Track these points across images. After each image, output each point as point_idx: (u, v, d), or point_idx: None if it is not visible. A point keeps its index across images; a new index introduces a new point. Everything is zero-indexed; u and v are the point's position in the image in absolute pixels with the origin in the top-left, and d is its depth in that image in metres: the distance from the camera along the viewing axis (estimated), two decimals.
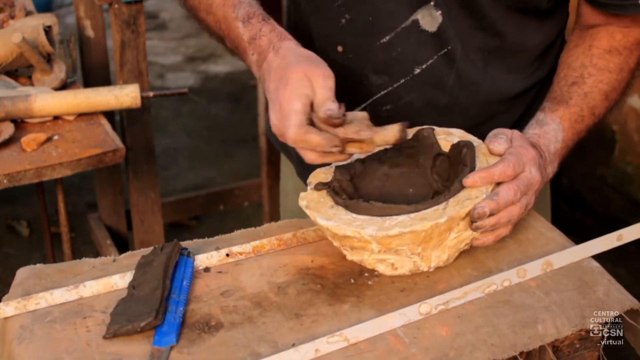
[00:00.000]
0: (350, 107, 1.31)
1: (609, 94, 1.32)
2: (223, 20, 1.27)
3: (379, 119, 1.33)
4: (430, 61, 1.32)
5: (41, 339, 1.06)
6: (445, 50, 1.31)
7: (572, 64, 1.33)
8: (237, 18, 1.24)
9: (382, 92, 1.35)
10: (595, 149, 3.28)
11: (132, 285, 1.12)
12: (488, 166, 1.14)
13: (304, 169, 1.54)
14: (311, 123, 1.11)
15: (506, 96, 1.39)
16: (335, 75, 1.30)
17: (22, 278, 1.17)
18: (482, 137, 1.22)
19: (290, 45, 1.18)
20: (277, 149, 1.66)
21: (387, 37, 1.32)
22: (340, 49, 1.36)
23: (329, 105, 1.10)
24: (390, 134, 1.10)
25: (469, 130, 1.25)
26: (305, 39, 1.37)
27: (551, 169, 1.24)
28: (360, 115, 1.13)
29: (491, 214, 1.11)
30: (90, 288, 1.14)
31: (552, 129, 1.25)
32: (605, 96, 1.31)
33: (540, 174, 1.16)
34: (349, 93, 1.34)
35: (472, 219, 1.11)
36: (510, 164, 1.13)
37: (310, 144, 1.10)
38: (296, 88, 1.11)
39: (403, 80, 1.34)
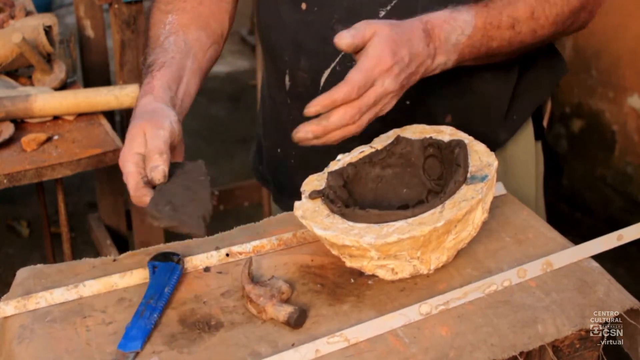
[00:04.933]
0: (321, 69, 1.33)
1: (537, 13, 1.23)
2: (143, 62, 1.31)
3: None
4: (395, 1, 1.29)
5: (41, 339, 1.06)
6: None
7: None
8: (144, 64, 1.29)
9: None
10: (595, 149, 3.28)
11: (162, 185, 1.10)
12: (330, 90, 1.10)
13: (281, 195, 1.54)
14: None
15: None
16: (301, 36, 1.34)
17: (22, 278, 1.17)
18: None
19: (144, 102, 1.22)
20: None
21: None
22: (304, 6, 1.34)
23: (155, 161, 1.12)
24: (281, 315, 1.07)
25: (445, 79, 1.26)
26: (270, 5, 1.40)
27: (442, 59, 1.18)
28: (281, 284, 1.11)
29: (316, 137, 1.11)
30: (90, 287, 1.14)
31: (462, 20, 1.19)
32: (531, 14, 1.23)
33: (399, 81, 1.12)
34: (318, 55, 1.34)
35: (293, 139, 1.11)
36: (355, 87, 1.10)
37: (144, 204, 1.11)
38: (130, 148, 1.14)
39: None
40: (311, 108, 1.10)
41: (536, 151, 1.52)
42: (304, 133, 1.10)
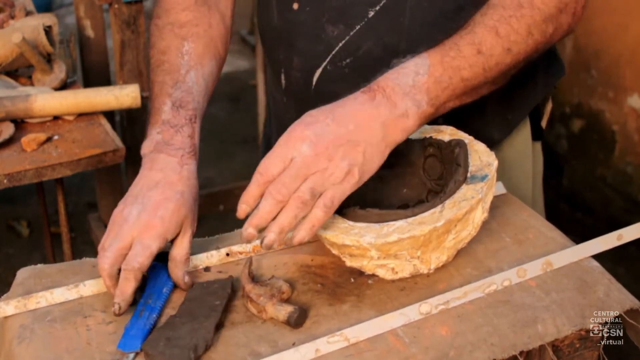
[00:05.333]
0: (313, 69, 1.34)
1: (503, 31, 1.16)
2: (158, 85, 1.28)
3: (343, 78, 1.33)
4: (383, 1, 1.28)
5: (41, 338, 1.06)
6: None
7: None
8: (171, 95, 1.25)
9: (341, 44, 1.32)
10: (595, 149, 3.28)
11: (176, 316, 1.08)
12: (256, 212, 1.05)
13: None
14: None
15: None
16: (294, 35, 1.33)
17: (22, 278, 1.17)
18: None
19: (191, 170, 1.20)
20: None
21: None
22: (296, 6, 1.34)
23: (186, 265, 1.14)
24: (281, 314, 1.07)
25: None
26: (266, 5, 1.40)
27: (408, 103, 1.09)
28: (281, 283, 1.11)
29: (263, 227, 1.05)
30: (91, 287, 1.14)
31: (413, 63, 1.13)
32: (496, 33, 1.15)
33: (315, 149, 1.05)
34: (307, 55, 1.35)
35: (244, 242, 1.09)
36: (259, 170, 1.06)
37: (120, 286, 1.10)
38: (161, 227, 1.12)
39: (358, 27, 1.30)
40: (239, 212, 1.07)
41: (534, 152, 1.52)
42: (245, 233, 1.06)
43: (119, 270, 1.10)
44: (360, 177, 1.06)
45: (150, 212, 1.13)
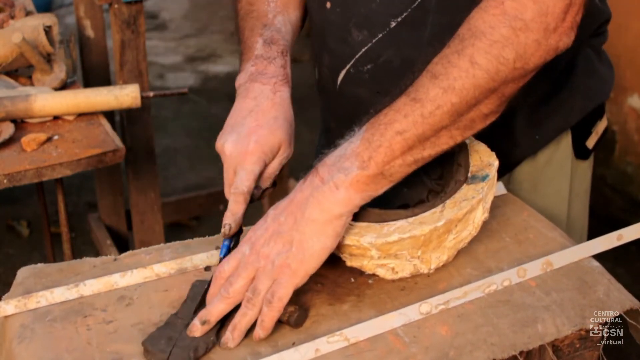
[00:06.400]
0: (339, 68, 1.37)
1: (437, 69, 1.08)
2: (249, 29, 1.33)
3: (363, 82, 1.34)
4: (405, 13, 1.28)
5: (42, 338, 1.06)
6: (419, 1, 1.26)
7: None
8: (262, 35, 1.31)
9: (363, 50, 1.33)
10: (595, 149, 3.28)
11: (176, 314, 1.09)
12: (206, 307, 1.08)
13: None
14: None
15: None
16: (326, 33, 1.37)
17: (22, 277, 1.17)
18: None
19: (285, 97, 1.25)
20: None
21: None
22: (328, 5, 1.36)
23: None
24: (282, 314, 1.06)
25: None
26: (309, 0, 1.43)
27: (335, 174, 1.06)
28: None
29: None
30: (91, 287, 1.14)
31: (348, 139, 1.11)
32: (431, 74, 1.08)
33: (254, 247, 1.08)
34: (335, 54, 1.37)
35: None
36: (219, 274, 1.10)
37: (230, 208, 1.17)
38: (259, 148, 1.19)
39: (380, 35, 1.30)
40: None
41: (577, 171, 1.47)
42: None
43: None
44: (299, 267, 1.05)
45: (244, 139, 1.19)
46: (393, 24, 1.29)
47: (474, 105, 1.08)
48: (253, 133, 1.20)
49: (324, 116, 1.51)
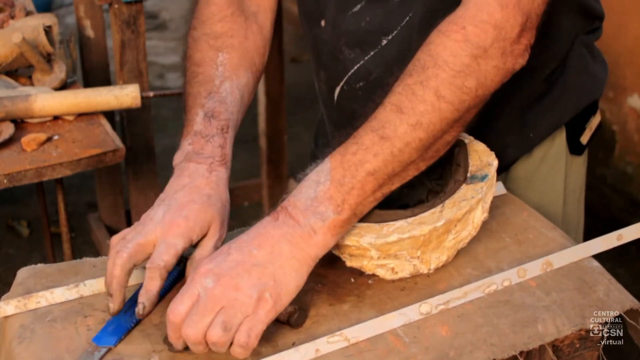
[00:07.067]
0: (334, 85, 1.36)
1: (404, 103, 1.07)
2: (192, 97, 1.26)
3: (358, 98, 1.34)
4: (395, 31, 1.28)
5: (42, 338, 1.06)
6: (408, 18, 1.26)
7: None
8: (203, 106, 1.24)
9: (355, 67, 1.32)
10: (595, 149, 3.28)
11: None
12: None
13: None
14: None
15: None
16: (319, 51, 1.34)
17: (22, 277, 1.17)
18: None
19: (221, 176, 1.17)
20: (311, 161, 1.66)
21: (358, 6, 1.30)
22: (323, 23, 1.35)
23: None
24: (282, 314, 1.06)
25: None
26: (299, 14, 1.41)
27: (311, 219, 1.04)
28: None
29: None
30: (91, 287, 1.14)
31: (315, 173, 1.07)
32: (398, 110, 1.06)
33: (219, 281, 1.00)
34: (329, 71, 1.37)
35: None
36: (177, 302, 1.01)
37: (145, 284, 1.08)
38: (187, 226, 1.10)
39: (372, 53, 1.30)
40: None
41: (572, 167, 1.47)
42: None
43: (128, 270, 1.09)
44: (276, 301, 1.00)
45: (174, 212, 1.11)
46: (384, 42, 1.29)
47: (440, 137, 1.08)
48: (185, 208, 1.12)
49: (326, 126, 1.51)
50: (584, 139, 1.46)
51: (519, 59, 1.11)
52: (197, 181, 1.16)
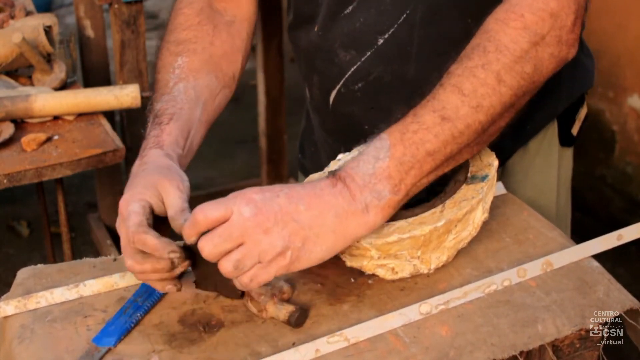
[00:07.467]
0: (329, 89, 1.36)
1: (465, 86, 1.07)
2: (151, 103, 1.27)
3: (356, 100, 1.34)
4: (392, 30, 1.28)
5: (41, 338, 1.06)
6: (405, 15, 1.26)
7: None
8: (152, 111, 1.25)
9: (352, 69, 1.32)
10: (595, 149, 3.28)
11: None
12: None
13: None
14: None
15: None
16: (312, 56, 1.32)
17: (22, 278, 1.17)
18: None
19: (154, 154, 1.16)
20: (299, 169, 1.66)
21: (350, 8, 1.30)
22: (316, 28, 1.35)
23: (186, 215, 1.05)
24: (282, 313, 1.07)
25: None
26: (289, 20, 1.41)
27: (368, 197, 1.03)
28: (282, 283, 1.10)
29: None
30: (91, 287, 1.14)
31: (372, 148, 1.05)
32: (460, 93, 1.07)
33: (256, 215, 0.98)
34: (324, 75, 1.36)
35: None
36: (210, 207, 0.99)
37: (146, 245, 1.02)
38: (137, 193, 1.07)
39: (369, 53, 1.30)
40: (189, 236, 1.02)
41: (563, 158, 1.49)
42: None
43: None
44: (292, 263, 1.00)
45: (131, 193, 1.09)
46: (380, 41, 1.29)
47: (496, 121, 1.10)
48: (126, 190, 1.10)
49: (318, 133, 1.50)
50: (575, 130, 1.48)
51: (572, 49, 1.14)
52: (134, 169, 1.15)
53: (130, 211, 1.05)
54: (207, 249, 0.98)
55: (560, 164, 1.49)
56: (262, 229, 0.98)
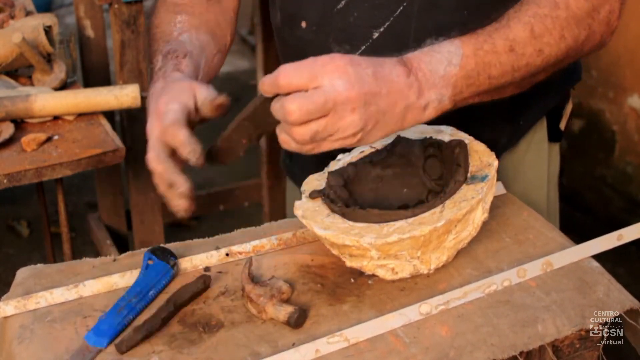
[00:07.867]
0: None
1: (538, 30, 1.11)
2: (153, 52, 1.29)
3: None
4: (387, 23, 1.28)
5: (41, 339, 1.06)
6: (402, 8, 1.26)
7: None
8: (162, 51, 1.27)
9: None
10: (595, 149, 3.28)
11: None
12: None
13: None
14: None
15: None
16: (303, 54, 1.30)
17: (22, 278, 1.17)
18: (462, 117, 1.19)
19: (178, 75, 1.19)
20: (285, 174, 1.66)
21: (343, 2, 1.30)
22: (304, 24, 1.34)
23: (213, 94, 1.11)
24: (281, 314, 1.07)
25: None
26: (275, 19, 1.41)
27: (432, 95, 1.04)
28: (281, 283, 1.10)
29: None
30: (90, 287, 1.14)
31: (447, 50, 1.07)
32: (531, 32, 1.10)
33: (349, 91, 0.97)
34: None
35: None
36: (295, 70, 0.99)
37: (176, 138, 1.07)
38: (175, 96, 1.11)
39: (364, 47, 1.30)
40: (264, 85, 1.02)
41: (551, 153, 1.50)
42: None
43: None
44: (355, 143, 1.02)
45: (154, 103, 1.13)
46: (375, 35, 1.29)
47: (539, 74, 1.15)
48: (159, 96, 1.14)
49: None
50: (562, 125, 1.50)
51: (608, 38, 1.20)
52: (155, 88, 1.18)
53: (170, 109, 1.09)
54: (293, 108, 0.97)
55: (549, 160, 1.50)
56: (351, 107, 0.98)
